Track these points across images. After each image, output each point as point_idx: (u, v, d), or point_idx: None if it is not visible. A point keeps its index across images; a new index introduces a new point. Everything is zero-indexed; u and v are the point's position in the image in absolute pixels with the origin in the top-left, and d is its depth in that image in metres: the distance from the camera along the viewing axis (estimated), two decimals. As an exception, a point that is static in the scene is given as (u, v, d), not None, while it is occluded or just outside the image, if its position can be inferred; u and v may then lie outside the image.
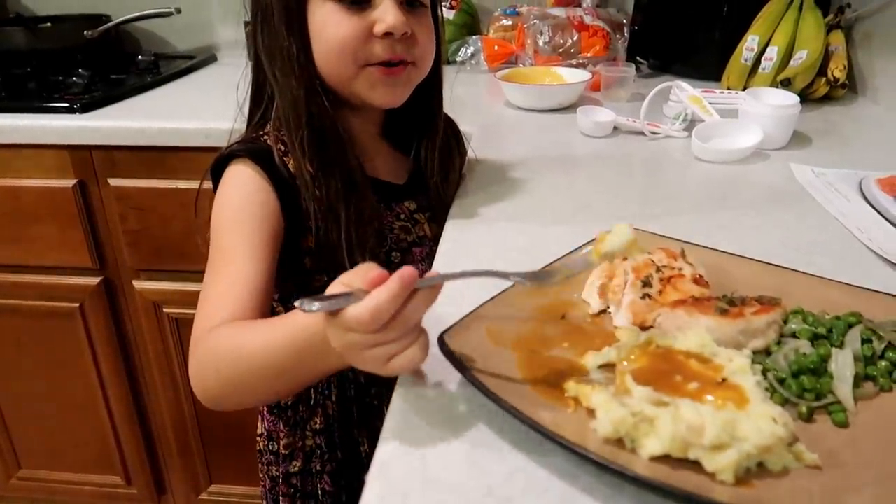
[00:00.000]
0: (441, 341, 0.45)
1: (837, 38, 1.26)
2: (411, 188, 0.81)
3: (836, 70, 1.19)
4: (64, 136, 1.23)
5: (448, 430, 0.43)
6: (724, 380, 0.40)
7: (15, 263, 1.36)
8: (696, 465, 0.36)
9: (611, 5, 1.65)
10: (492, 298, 0.52)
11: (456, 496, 0.38)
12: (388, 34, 0.67)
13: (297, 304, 0.44)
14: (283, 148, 0.71)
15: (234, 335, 0.60)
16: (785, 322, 0.48)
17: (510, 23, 1.59)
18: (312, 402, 0.82)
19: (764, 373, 0.43)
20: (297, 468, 0.84)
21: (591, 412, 0.41)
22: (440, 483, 0.39)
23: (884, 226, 0.71)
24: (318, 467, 0.83)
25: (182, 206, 1.26)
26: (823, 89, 1.21)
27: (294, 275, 0.75)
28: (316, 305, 0.42)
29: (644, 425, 0.37)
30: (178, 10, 1.60)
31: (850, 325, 0.47)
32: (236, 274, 0.66)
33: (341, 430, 0.82)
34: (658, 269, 0.53)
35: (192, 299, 1.36)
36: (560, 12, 1.48)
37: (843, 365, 0.43)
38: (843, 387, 0.42)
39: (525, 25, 1.44)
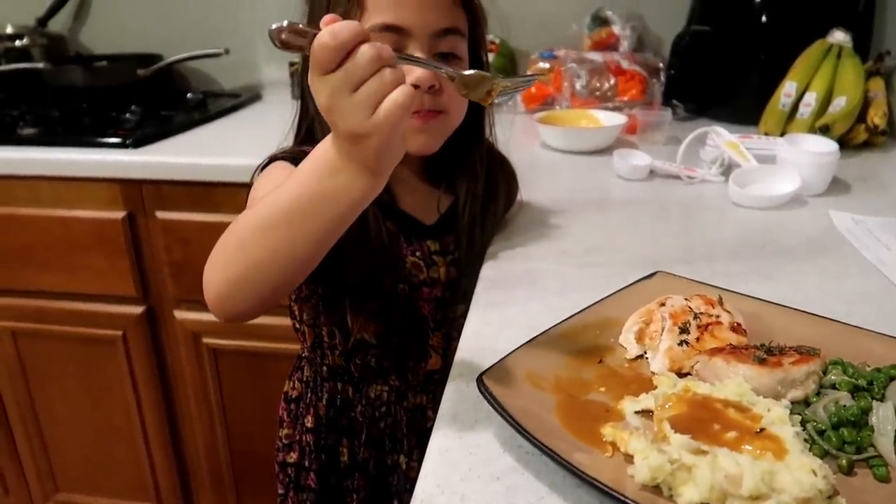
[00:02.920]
0: (480, 382, 0.46)
1: (877, 85, 1.26)
2: (439, 229, 0.82)
3: (876, 117, 1.19)
4: (116, 170, 1.28)
5: (486, 471, 0.44)
6: (762, 430, 0.40)
7: (62, 291, 1.41)
8: (733, 515, 0.37)
9: (647, 50, 1.67)
10: (529, 341, 0.53)
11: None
12: (415, 86, 0.67)
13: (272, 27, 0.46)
14: None
15: (237, 219, 0.58)
16: (824, 373, 0.48)
17: (547, 66, 1.62)
18: (307, 401, 0.87)
19: (803, 424, 0.43)
20: (293, 459, 0.89)
21: (628, 458, 0.41)
22: (478, 523, 0.40)
23: (926, 276, 0.71)
24: (307, 464, 0.88)
25: (225, 240, 1.30)
26: (863, 136, 1.20)
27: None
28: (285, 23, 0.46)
29: (682, 473, 0.38)
30: (227, 51, 1.66)
31: (892, 378, 0.47)
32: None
33: (327, 435, 0.86)
34: (696, 316, 0.53)
35: (229, 330, 1.39)
36: (597, 56, 1.51)
37: (884, 418, 0.43)
38: (884, 441, 0.42)
39: (562, 69, 1.47)
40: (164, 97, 1.68)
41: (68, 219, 1.33)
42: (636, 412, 0.45)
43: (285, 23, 0.45)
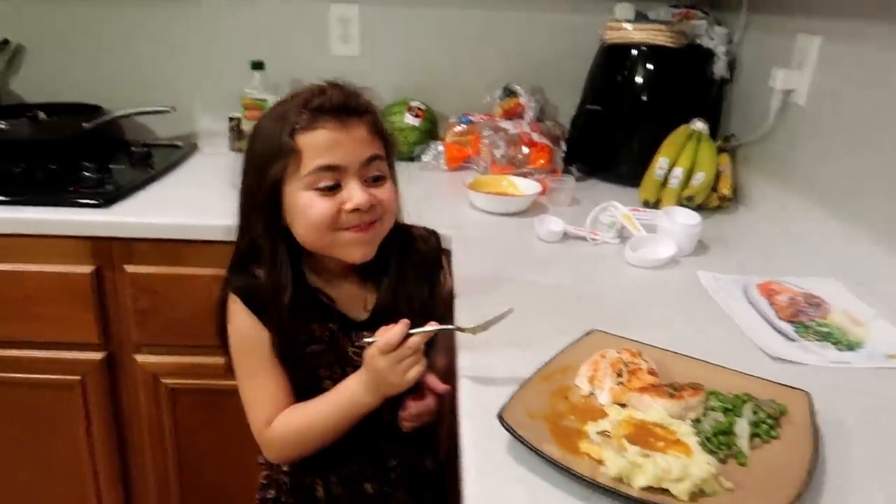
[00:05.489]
0: (501, 418, 0.70)
1: (724, 161, 1.62)
2: (374, 321, 0.96)
3: (725, 188, 1.55)
4: (88, 228, 1.38)
5: (510, 476, 0.67)
6: (678, 440, 0.66)
7: (23, 339, 1.47)
8: (666, 492, 0.62)
9: (547, 117, 1.99)
10: (521, 386, 0.77)
11: (524, 517, 0.63)
12: (356, 209, 0.88)
13: (363, 340, 0.90)
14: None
15: (299, 420, 0.95)
16: (707, 400, 0.76)
17: (464, 129, 1.89)
18: None
19: (698, 434, 0.70)
20: (272, 496, 1.07)
21: (598, 461, 0.66)
22: (512, 509, 0.63)
23: (763, 325, 1.02)
24: (283, 499, 1.06)
25: (192, 290, 1.43)
26: (716, 202, 1.56)
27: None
28: (367, 340, 0.88)
29: (636, 468, 0.63)
30: (174, 109, 1.79)
31: (745, 402, 0.75)
32: (265, 385, 0.96)
33: (301, 478, 1.04)
34: (626, 364, 0.80)
35: (189, 371, 1.52)
36: (509, 126, 1.79)
37: (742, 428, 0.71)
38: (742, 442, 0.70)
39: (483, 138, 1.74)
40: (107, 149, 1.78)
41: (34, 273, 1.41)
42: (598, 432, 0.71)
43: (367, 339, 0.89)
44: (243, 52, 1.87)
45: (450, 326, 0.89)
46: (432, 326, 0.87)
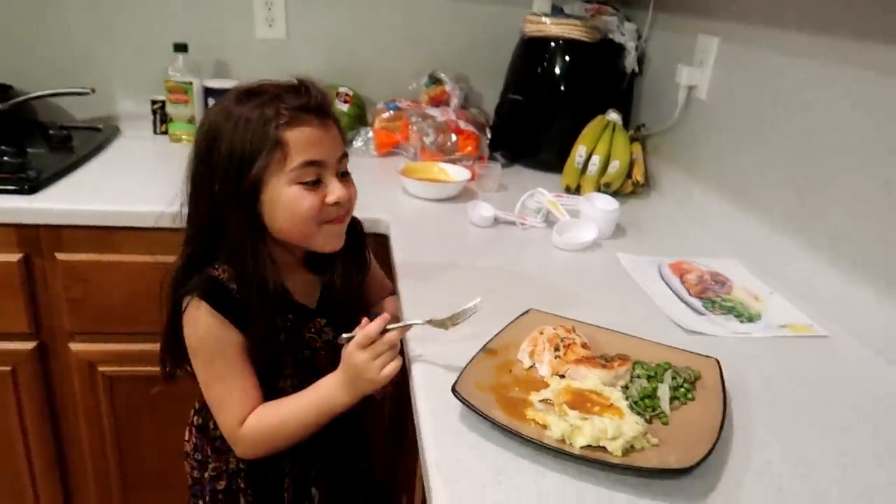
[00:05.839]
0: (455, 391, 0.77)
1: (637, 149, 1.75)
2: (322, 307, 1.06)
3: (638, 175, 1.68)
4: (13, 215, 1.35)
5: (464, 442, 0.75)
6: (611, 404, 0.76)
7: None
8: (602, 449, 0.72)
9: (472, 104, 2.06)
10: (469, 362, 0.84)
11: (468, 474, 0.70)
12: (337, 202, 0.95)
13: (340, 338, 0.92)
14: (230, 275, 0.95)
15: (272, 419, 0.97)
16: (633, 368, 0.86)
17: (392, 115, 1.93)
18: None
19: (627, 398, 0.80)
20: (222, 486, 1.09)
21: (543, 426, 0.75)
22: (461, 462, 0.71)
23: (676, 301, 1.14)
24: (243, 485, 1.09)
25: (125, 277, 1.42)
26: (630, 188, 1.68)
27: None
28: (345, 337, 0.91)
29: (576, 430, 0.72)
30: (94, 91, 1.74)
31: (665, 369, 0.86)
32: (236, 385, 0.97)
33: (254, 463, 1.07)
34: (562, 339, 0.89)
35: (126, 358, 1.51)
36: (436, 113, 1.86)
37: (663, 392, 0.82)
38: (664, 404, 0.81)
39: (412, 124, 1.79)
40: (21, 131, 1.71)
41: (-44, 261, 1.36)
42: (540, 400, 0.79)
43: (344, 336, 0.92)
44: (166, 34, 1.84)
45: (422, 321, 0.91)
46: (407, 321, 0.93)
